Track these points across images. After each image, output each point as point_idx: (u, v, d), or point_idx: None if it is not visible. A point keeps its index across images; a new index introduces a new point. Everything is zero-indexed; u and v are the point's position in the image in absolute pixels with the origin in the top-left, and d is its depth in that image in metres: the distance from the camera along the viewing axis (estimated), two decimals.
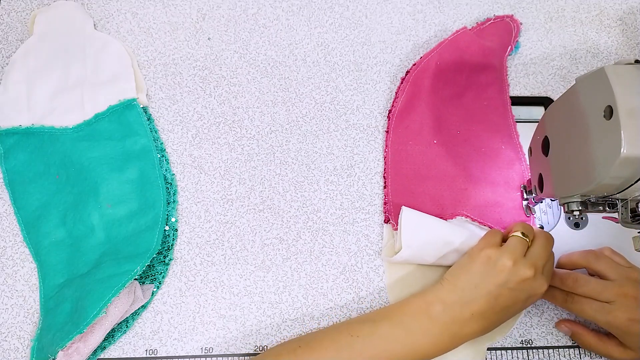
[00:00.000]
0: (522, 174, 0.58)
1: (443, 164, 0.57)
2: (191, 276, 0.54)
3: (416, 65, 0.61)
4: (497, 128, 0.60)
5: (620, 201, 0.43)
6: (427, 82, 0.60)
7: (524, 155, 0.58)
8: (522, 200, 0.57)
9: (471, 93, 0.61)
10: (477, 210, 0.56)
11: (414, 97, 0.60)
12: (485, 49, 0.61)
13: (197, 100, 0.61)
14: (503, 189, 0.57)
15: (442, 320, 0.46)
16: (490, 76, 0.61)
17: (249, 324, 0.53)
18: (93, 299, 0.48)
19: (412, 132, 0.59)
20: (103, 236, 0.54)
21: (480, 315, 0.45)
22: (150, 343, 0.52)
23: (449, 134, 0.59)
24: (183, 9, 0.66)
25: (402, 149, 0.58)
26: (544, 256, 0.47)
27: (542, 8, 0.67)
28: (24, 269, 0.54)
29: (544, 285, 0.46)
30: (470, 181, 0.57)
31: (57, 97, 0.59)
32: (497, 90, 0.61)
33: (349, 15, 0.66)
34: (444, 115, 0.60)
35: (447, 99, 0.60)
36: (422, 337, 0.45)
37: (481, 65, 0.61)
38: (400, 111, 0.59)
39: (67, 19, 0.62)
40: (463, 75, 0.61)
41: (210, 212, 0.57)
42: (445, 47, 0.61)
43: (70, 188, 0.55)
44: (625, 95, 0.37)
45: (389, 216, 0.56)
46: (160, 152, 0.58)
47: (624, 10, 0.67)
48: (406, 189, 0.57)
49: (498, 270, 0.46)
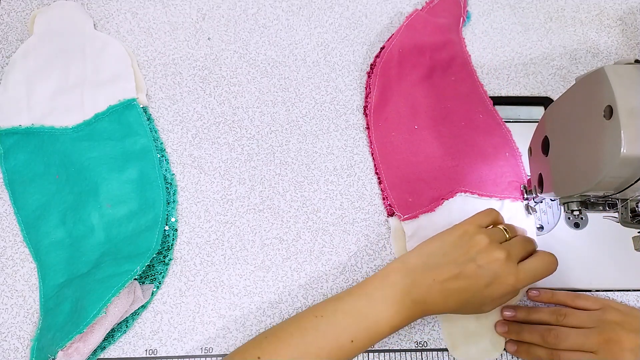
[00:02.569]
0: (505, 136, 0.59)
1: (429, 146, 0.58)
2: (191, 276, 0.54)
3: (379, 57, 0.62)
4: (470, 99, 0.61)
5: (620, 201, 0.43)
6: (395, 71, 0.61)
7: (502, 120, 0.60)
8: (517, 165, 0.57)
9: (438, 72, 0.62)
10: (474, 182, 0.57)
11: (385, 88, 0.60)
12: (440, 26, 0.62)
13: (197, 100, 0.61)
14: (492, 155, 0.58)
15: (404, 286, 0.45)
16: (452, 51, 0.62)
17: (249, 324, 0.53)
18: (93, 298, 0.48)
19: (392, 123, 0.59)
20: (103, 236, 0.54)
21: (441, 283, 0.45)
22: (150, 343, 0.52)
23: (427, 116, 0.60)
24: (183, 9, 0.66)
25: (387, 141, 0.59)
26: (519, 248, 0.47)
27: (542, 8, 0.67)
28: (23, 269, 0.54)
29: (511, 275, 0.45)
30: (459, 156, 0.58)
31: (57, 97, 0.59)
32: (461, 63, 0.62)
33: (349, 15, 0.66)
34: (418, 100, 0.60)
35: (416, 83, 0.61)
36: (383, 306, 0.45)
37: (441, 43, 0.62)
38: (376, 105, 0.60)
39: (67, 19, 0.62)
40: (426, 56, 0.62)
41: (210, 212, 0.57)
42: (404, 33, 0.62)
43: (70, 188, 0.55)
44: (625, 95, 0.37)
45: (393, 208, 0.56)
46: (160, 152, 0.58)
47: (623, 10, 0.67)
48: (400, 179, 0.57)
49: (471, 245, 0.46)
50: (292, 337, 0.45)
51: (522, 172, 0.57)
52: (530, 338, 0.50)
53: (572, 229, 0.56)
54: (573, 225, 0.56)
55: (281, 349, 0.44)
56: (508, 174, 0.57)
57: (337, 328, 0.44)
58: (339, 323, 0.45)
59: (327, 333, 0.44)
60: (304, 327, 0.45)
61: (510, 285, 0.45)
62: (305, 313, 0.47)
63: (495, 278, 0.45)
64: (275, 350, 0.44)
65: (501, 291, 0.45)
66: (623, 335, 0.46)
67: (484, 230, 0.47)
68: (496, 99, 0.61)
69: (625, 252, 0.54)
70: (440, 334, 0.53)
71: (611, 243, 0.55)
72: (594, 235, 0.56)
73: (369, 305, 0.45)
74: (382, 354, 0.52)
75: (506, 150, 0.58)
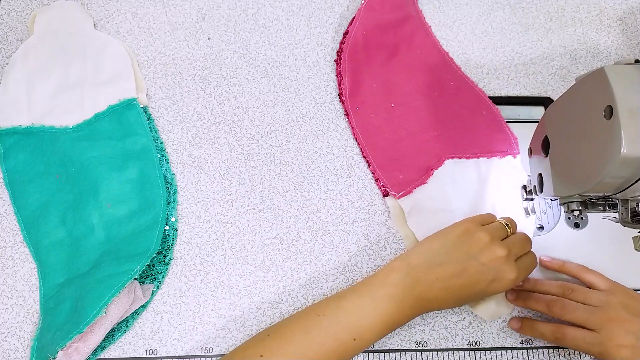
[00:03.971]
0: (478, 97, 0.61)
1: (408, 121, 0.59)
2: (191, 276, 0.54)
3: (345, 42, 0.62)
4: (438, 68, 0.62)
5: (620, 201, 0.43)
6: (362, 54, 0.61)
7: (473, 82, 0.62)
8: (497, 120, 0.59)
9: (403, 47, 0.63)
10: (459, 147, 0.58)
11: (356, 72, 0.61)
12: (398, 3, 0.63)
13: (197, 100, 0.61)
14: (470, 116, 0.60)
15: (406, 283, 0.46)
16: (413, 25, 0.63)
17: (249, 324, 0.53)
18: (93, 298, 0.48)
19: (369, 105, 0.60)
20: (103, 236, 0.54)
21: (444, 281, 0.45)
22: (150, 343, 0.52)
23: (401, 93, 0.61)
24: (183, 9, 0.66)
25: (367, 123, 0.59)
26: (519, 247, 0.48)
27: (542, 8, 0.67)
28: (23, 269, 0.54)
29: (513, 272, 0.46)
30: (439, 125, 0.59)
31: (57, 97, 0.59)
32: (423, 34, 0.64)
33: (349, 15, 0.66)
34: (389, 78, 0.61)
35: (385, 62, 0.62)
36: (386, 304, 0.45)
37: (401, 19, 0.63)
38: (350, 90, 0.60)
39: (67, 19, 0.62)
40: (390, 34, 0.63)
41: (210, 212, 0.57)
42: (364, 16, 0.62)
43: (70, 187, 0.55)
44: (625, 95, 0.37)
45: (386, 188, 0.57)
46: (160, 151, 0.58)
47: (623, 10, 0.67)
48: (388, 158, 0.58)
49: (473, 242, 0.46)
50: (294, 335, 0.45)
51: (503, 125, 0.59)
52: (536, 306, 0.51)
53: (572, 229, 0.56)
54: (573, 225, 0.56)
55: (284, 346, 0.44)
56: (490, 131, 0.59)
57: (339, 326, 0.45)
58: (341, 321, 0.45)
59: (329, 331, 0.45)
60: (307, 325, 0.45)
61: (512, 281, 0.46)
62: (308, 311, 0.47)
63: (498, 275, 0.46)
64: (278, 348, 0.44)
65: (502, 287, 0.46)
66: (627, 318, 0.47)
67: (484, 228, 0.48)
68: (496, 98, 0.61)
69: (625, 252, 0.54)
70: (440, 334, 0.53)
71: (611, 243, 0.55)
72: (594, 235, 0.56)
73: (371, 304, 0.46)
74: (382, 354, 0.52)
75: (482, 110, 0.60)
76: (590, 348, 0.47)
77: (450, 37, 0.65)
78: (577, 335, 0.48)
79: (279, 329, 0.46)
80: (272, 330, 0.46)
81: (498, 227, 0.49)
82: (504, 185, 0.56)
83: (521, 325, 0.52)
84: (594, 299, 0.49)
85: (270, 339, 0.45)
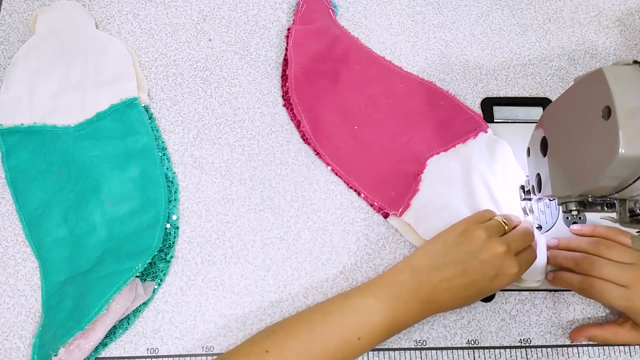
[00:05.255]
0: (429, 89, 0.62)
1: (376, 138, 0.59)
2: (192, 275, 0.55)
3: (287, 84, 0.61)
4: (382, 77, 0.62)
5: (619, 201, 0.43)
6: (308, 90, 0.60)
7: (418, 77, 0.63)
8: (455, 104, 0.61)
9: (342, 69, 0.62)
10: (432, 143, 0.59)
11: (310, 110, 0.60)
12: (320, 29, 0.63)
13: (198, 100, 0.62)
14: (429, 110, 0.60)
15: (411, 285, 0.47)
16: (342, 44, 0.63)
17: (250, 323, 0.53)
18: (94, 296, 0.48)
19: (335, 136, 0.59)
20: (105, 234, 0.54)
21: (448, 282, 0.46)
22: (152, 342, 0.52)
23: (359, 112, 0.61)
24: (184, 10, 0.66)
25: (340, 153, 0.59)
26: (519, 241, 0.48)
27: (541, 9, 0.67)
28: (25, 269, 0.54)
29: (514, 267, 0.46)
30: (405, 130, 0.60)
31: (59, 96, 0.59)
32: (355, 49, 0.64)
33: (348, 16, 0.66)
34: (342, 103, 0.61)
35: (332, 89, 0.61)
36: (392, 305, 0.46)
37: (329, 43, 0.63)
38: (312, 130, 0.59)
39: (69, 19, 0.62)
40: (326, 61, 0.62)
41: (211, 212, 0.57)
42: (295, 54, 0.61)
43: (72, 186, 0.56)
44: (623, 96, 0.37)
45: (386, 211, 0.56)
46: (161, 150, 0.58)
47: (622, 11, 0.67)
48: (373, 181, 0.58)
49: (472, 240, 0.47)
50: (300, 332, 0.45)
51: (462, 107, 0.61)
52: (564, 262, 0.51)
53: None
54: (571, 225, 0.56)
55: (289, 342, 0.45)
56: (453, 117, 0.60)
57: (344, 325, 0.45)
58: (346, 320, 0.45)
59: (334, 329, 0.45)
60: (312, 322, 0.46)
61: (514, 275, 0.47)
62: (314, 309, 0.48)
63: (498, 272, 0.46)
64: (283, 344, 0.44)
65: (505, 282, 0.47)
66: None
67: (482, 226, 0.49)
68: (495, 99, 0.62)
69: None
70: (439, 333, 0.53)
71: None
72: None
73: (376, 304, 0.46)
74: (381, 353, 0.52)
75: (439, 100, 0.61)
76: (616, 301, 0.48)
77: (449, 38, 0.66)
78: (605, 288, 0.48)
79: (284, 325, 0.47)
80: (278, 327, 0.47)
81: (495, 224, 0.49)
82: (490, 161, 0.57)
83: (554, 277, 0.53)
84: (629, 256, 0.49)
85: (275, 335, 0.46)
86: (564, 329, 0.53)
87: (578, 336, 0.52)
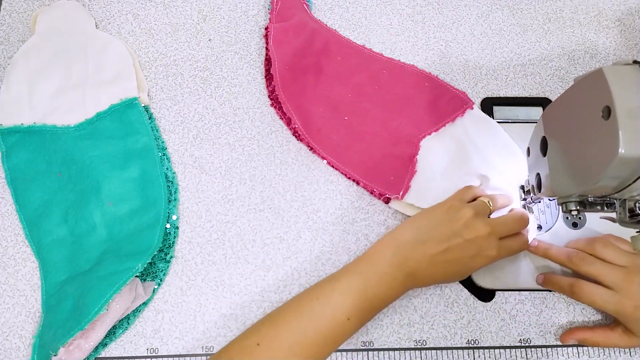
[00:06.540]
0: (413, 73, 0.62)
1: (366, 126, 0.60)
2: (192, 275, 0.55)
3: (272, 83, 0.61)
4: (364, 65, 0.63)
5: (618, 201, 0.43)
6: (295, 88, 0.61)
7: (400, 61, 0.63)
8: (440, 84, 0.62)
9: (324, 62, 0.63)
10: (423, 124, 0.60)
11: (299, 107, 0.60)
12: (298, 25, 0.63)
13: (198, 100, 0.62)
14: (416, 93, 0.61)
15: (396, 259, 0.47)
16: (321, 37, 0.64)
17: (250, 323, 0.53)
18: (94, 295, 0.48)
19: (327, 129, 0.60)
20: (105, 234, 0.54)
21: (431, 257, 0.47)
22: (152, 342, 0.52)
23: (346, 103, 0.61)
24: (184, 10, 0.66)
25: (333, 145, 0.59)
26: (506, 226, 0.49)
27: (541, 9, 0.67)
28: (25, 269, 0.54)
29: (492, 250, 0.48)
30: (395, 115, 0.60)
31: (59, 96, 0.59)
32: (335, 41, 0.64)
33: (348, 16, 0.66)
34: (329, 95, 0.61)
35: (316, 83, 0.62)
36: (377, 281, 0.47)
37: (308, 37, 0.63)
38: (303, 125, 0.59)
39: (69, 19, 0.63)
40: (307, 56, 0.62)
41: (211, 212, 0.57)
42: (277, 53, 0.61)
43: (72, 186, 0.56)
44: (623, 96, 0.37)
45: (386, 196, 0.57)
46: (161, 150, 0.58)
47: (622, 11, 0.67)
48: (370, 168, 0.58)
49: (457, 218, 0.48)
50: (289, 322, 0.45)
51: (447, 86, 0.62)
52: (557, 256, 0.52)
53: (571, 228, 0.56)
54: (571, 225, 0.57)
55: (279, 333, 0.45)
56: (440, 97, 0.61)
57: (332, 308, 0.46)
58: (334, 304, 0.46)
59: (323, 313, 0.45)
60: (301, 310, 0.46)
61: (492, 257, 0.48)
62: (302, 296, 0.48)
63: (479, 251, 0.48)
64: (273, 335, 0.45)
65: (483, 262, 0.48)
66: None
67: (468, 205, 0.50)
68: (495, 99, 0.62)
69: None
70: (439, 333, 0.53)
71: None
72: (592, 235, 0.56)
73: (363, 283, 0.47)
74: (381, 353, 0.52)
75: (423, 81, 0.62)
76: (605, 305, 0.48)
77: (449, 38, 0.66)
78: (594, 291, 0.48)
79: (273, 316, 0.47)
80: (267, 318, 0.47)
81: (481, 204, 0.51)
82: (480, 137, 0.58)
83: (544, 279, 0.53)
84: (622, 259, 0.49)
85: (265, 327, 0.46)
86: (564, 329, 0.53)
87: (568, 338, 0.52)
